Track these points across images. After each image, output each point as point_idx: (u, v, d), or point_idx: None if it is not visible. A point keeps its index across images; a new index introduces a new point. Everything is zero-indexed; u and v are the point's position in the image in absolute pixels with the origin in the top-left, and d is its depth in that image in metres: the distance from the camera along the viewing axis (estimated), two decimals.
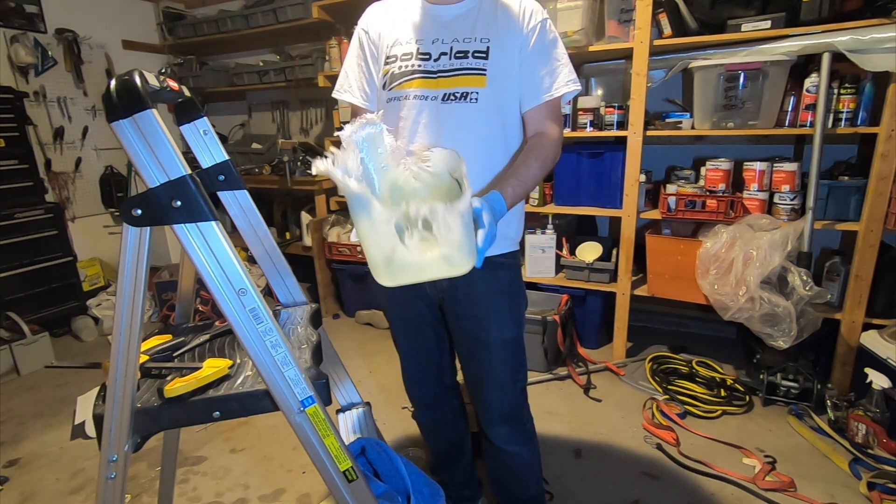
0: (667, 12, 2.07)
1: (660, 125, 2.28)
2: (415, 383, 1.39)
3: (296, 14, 2.94)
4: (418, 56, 1.11)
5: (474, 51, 1.09)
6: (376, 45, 1.18)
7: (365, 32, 1.19)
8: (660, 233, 2.43)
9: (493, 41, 1.09)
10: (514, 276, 1.21)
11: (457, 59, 1.09)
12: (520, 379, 1.24)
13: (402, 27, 1.15)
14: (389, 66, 1.14)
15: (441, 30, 1.11)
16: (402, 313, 1.29)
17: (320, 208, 3.12)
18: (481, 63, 1.08)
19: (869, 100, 1.90)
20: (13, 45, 2.92)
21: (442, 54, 1.10)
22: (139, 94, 0.65)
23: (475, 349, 1.20)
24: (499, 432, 1.25)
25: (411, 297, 1.23)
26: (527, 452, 1.30)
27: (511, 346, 1.20)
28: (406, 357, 1.35)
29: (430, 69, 1.10)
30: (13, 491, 1.75)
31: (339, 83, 1.24)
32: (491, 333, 1.17)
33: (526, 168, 1.05)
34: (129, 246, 0.68)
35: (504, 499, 1.41)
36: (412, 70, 1.11)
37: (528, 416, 1.31)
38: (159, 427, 0.77)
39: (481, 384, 1.22)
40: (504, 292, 1.17)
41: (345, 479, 0.76)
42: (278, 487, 1.71)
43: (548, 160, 1.09)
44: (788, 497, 1.57)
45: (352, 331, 2.99)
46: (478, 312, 1.17)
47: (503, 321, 1.17)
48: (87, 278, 3.28)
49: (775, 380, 2.03)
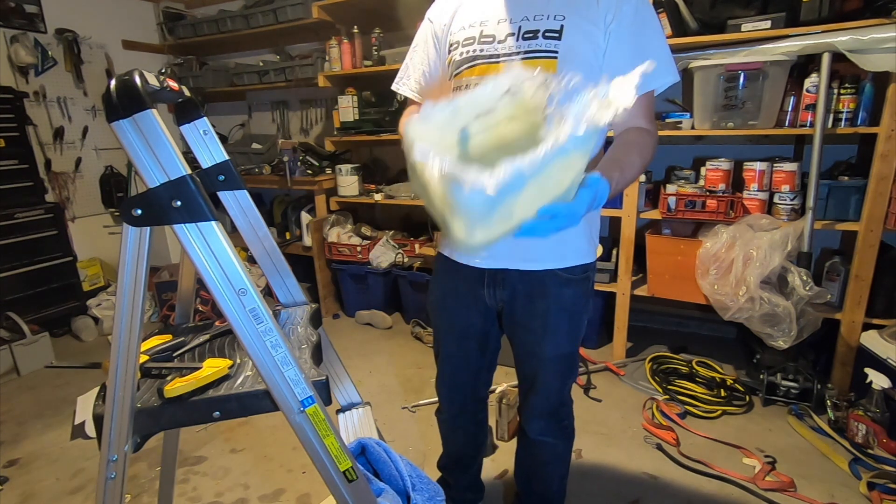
0: (667, 12, 2.07)
1: (660, 125, 2.28)
2: (447, 388, 1.34)
3: (296, 14, 2.94)
4: (481, 40, 1.00)
5: (545, 30, 0.94)
6: (440, 34, 1.09)
7: (430, 21, 1.11)
8: (660, 233, 2.43)
9: (570, 18, 0.94)
10: (582, 292, 1.11)
11: (524, 41, 0.96)
12: (567, 384, 1.21)
13: (469, 9, 1.05)
14: (452, 55, 1.05)
15: (510, 7, 0.99)
16: (450, 321, 1.23)
17: (320, 208, 3.12)
18: (552, 44, 0.94)
19: (869, 100, 1.90)
20: (13, 45, 2.92)
21: (508, 35, 0.97)
22: (139, 94, 0.65)
23: (529, 358, 1.18)
24: (534, 426, 1.24)
25: (465, 306, 1.17)
26: (559, 446, 1.27)
27: (565, 359, 1.16)
28: (444, 362, 1.30)
29: (493, 53, 0.98)
30: (13, 491, 1.75)
31: (399, 74, 1.18)
32: (545, 349, 1.13)
33: (630, 163, 0.89)
34: (129, 246, 0.68)
35: (524, 490, 1.39)
36: (473, 56, 1.00)
37: (568, 413, 1.27)
38: (159, 427, 0.77)
39: (530, 388, 1.21)
40: (566, 310, 1.09)
41: (345, 479, 0.76)
42: (278, 487, 1.71)
43: (648, 159, 0.94)
44: (788, 497, 1.57)
45: (352, 331, 2.99)
46: (535, 327, 1.11)
47: (560, 340, 1.12)
48: (87, 278, 3.28)
49: (775, 380, 2.03)
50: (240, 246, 0.90)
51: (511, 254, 1.07)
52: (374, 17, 2.82)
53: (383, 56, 2.76)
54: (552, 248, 1.05)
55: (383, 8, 2.72)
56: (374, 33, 2.74)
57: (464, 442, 1.43)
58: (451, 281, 1.19)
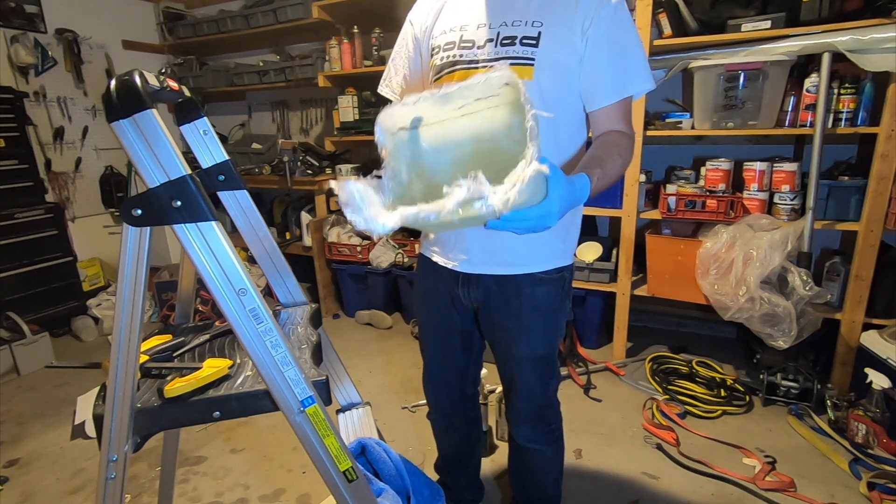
0: (667, 12, 2.07)
1: (660, 125, 2.28)
2: (434, 387, 1.35)
3: (296, 14, 2.94)
4: (461, 45, 1.00)
5: (523, 36, 0.94)
6: (421, 37, 1.10)
7: (410, 24, 1.12)
8: (660, 233, 2.43)
9: (547, 25, 0.94)
10: (556, 292, 1.10)
11: (502, 47, 0.96)
12: (550, 386, 1.21)
13: (450, 13, 1.05)
14: (433, 59, 1.05)
15: (489, 12, 0.99)
16: (432, 319, 1.24)
17: (320, 208, 3.12)
18: (529, 51, 0.94)
19: (869, 100, 1.90)
20: (13, 45, 2.92)
21: (487, 41, 0.97)
22: (139, 94, 0.65)
23: (506, 359, 1.18)
24: (521, 431, 1.24)
25: (445, 304, 1.18)
26: (548, 452, 1.27)
27: (542, 361, 1.15)
28: (430, 361, 1.31)
29: (472, 59, 0.98)
30: (13, 491, 1.75)
31: (383, 77, 1.19)
32: (521, 349, 1.13)
33: (612, 162, 0.89)
34: (129, 246, 0.68)
35: (520, 497, 1.39)
36: (453, 61, 1.01)
37: (555, 417, 1.26)
38: (159, 427, 0.77)
39: (510, 389, 1.21)
40: (539, 310, 1.09)
41: (345, 479, 0.76)
42: (278, 487, 1.71)
43: (628, 160, 0.95)
44: (788, 497, 1.57)
45: (352, 331, 2.99)
46: (510, 327, 1.12)
47: (535, 341, 1.12)
48: (87, 278, 3.28)
49: (775, 380, 2.03)
50: (240, 246, 0.90)
51: (486, 258, 1.08)
52: (374, 17, 2.82)
53: (383, 56, 2.76)
54: (527, 252, 1.06)
55: (383, 8, 2.72)
56: (374, 33, 2.74)
57: (457, 441, 1.43)
58: (431, 280, 1.20)
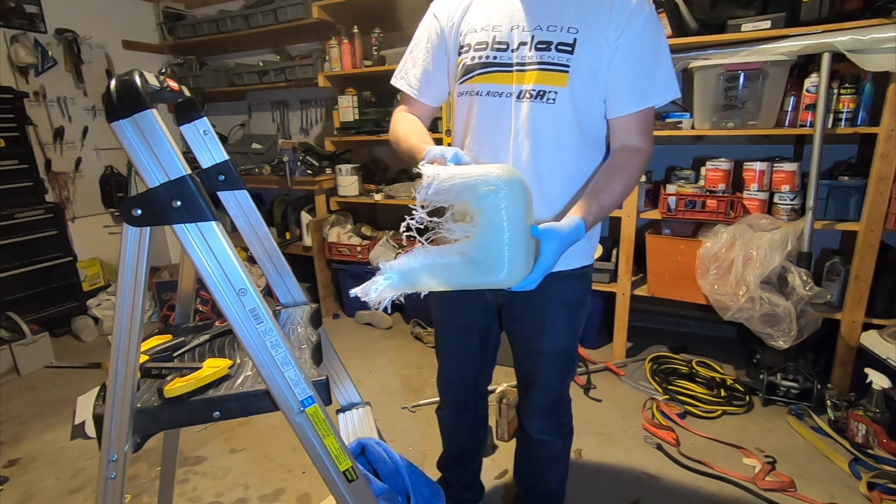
0: (667, 12, 2.07)
1: (660, 125, 2.28)
2: (448, 384, 1.35)
3: (296, 14, 2.94)
4: (494, 46, 0.99)
5: (559, 42, 0.95)
6: (447, 32, 1.08)
7: (434, 17, 1.10)
8: (660, 233, 2.43)
9: (583, 32, 0.94)
10: (580, 288, 1.13)
11: (537, 52, 0.96)
12: (567, 380, 1.22)
13: (478, 11, 1.03)
14: (462, 57, 1.04)
15: (522, 14, 0.98)
16: (450, 316, 1.25)
17: (320, 208, 3.12)
18: (565, 58, 0.94)
19: (869, 100, 1.90)
20: (13, 45, 2.92)
21: (521, 44, 0.97)
22: (139, 94, 0.65)
23: (528, 354, 1.19)
24: (535, 424, 1.24)
25: (467, 301, 1.17)
26: (559, 444, 1.28)
27: (564, 355, 1.16)
28: (446, 358, 1.32)
29: (507, 62, 0.98)
30: (13, 491, 1.75)
31: (398, 68, 1.17)
32: (544, 344, 1.14)
33: (611, 192, 0.94)
34: (129, 246, 0.68)
35: (524, 490, 1.39)
36: (486, 62, 1.00)
37: (567, 412, 1.27)
38: (159, 427, 0.77)
39: (529, 384, 1.21)
40: (564, 305, 1.11)
41: (345, 479, 0.76)
42: (278, 487, 1.71)
43: (632, 183, 0.97)
44: (788, 497, 1.57)
45: (352, 331, 2.99)
46: (534, 322, 1.12)
47: (558, 335, 1.13)
48: (87, 278, 3.28)
49: (775, 380, 2.03)
50: (240, 246, 0.90)
51: None
52: (374, 17, 2.82)
53: (383, 56, 2.76)
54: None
55: (383, 8, 2.72)
56: (374, 33, 2.74)
57: (464, 439, 1.43)
58: None
